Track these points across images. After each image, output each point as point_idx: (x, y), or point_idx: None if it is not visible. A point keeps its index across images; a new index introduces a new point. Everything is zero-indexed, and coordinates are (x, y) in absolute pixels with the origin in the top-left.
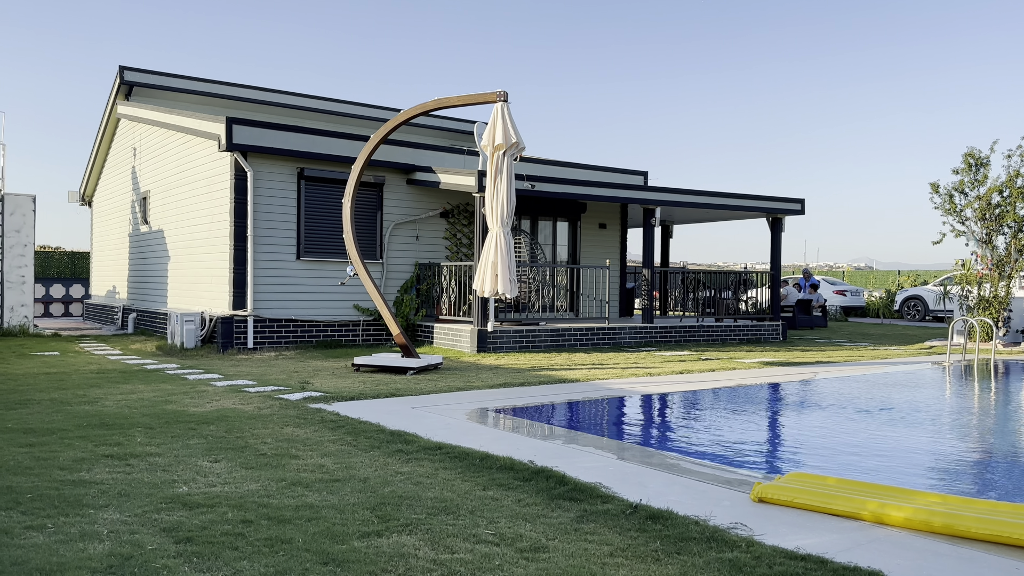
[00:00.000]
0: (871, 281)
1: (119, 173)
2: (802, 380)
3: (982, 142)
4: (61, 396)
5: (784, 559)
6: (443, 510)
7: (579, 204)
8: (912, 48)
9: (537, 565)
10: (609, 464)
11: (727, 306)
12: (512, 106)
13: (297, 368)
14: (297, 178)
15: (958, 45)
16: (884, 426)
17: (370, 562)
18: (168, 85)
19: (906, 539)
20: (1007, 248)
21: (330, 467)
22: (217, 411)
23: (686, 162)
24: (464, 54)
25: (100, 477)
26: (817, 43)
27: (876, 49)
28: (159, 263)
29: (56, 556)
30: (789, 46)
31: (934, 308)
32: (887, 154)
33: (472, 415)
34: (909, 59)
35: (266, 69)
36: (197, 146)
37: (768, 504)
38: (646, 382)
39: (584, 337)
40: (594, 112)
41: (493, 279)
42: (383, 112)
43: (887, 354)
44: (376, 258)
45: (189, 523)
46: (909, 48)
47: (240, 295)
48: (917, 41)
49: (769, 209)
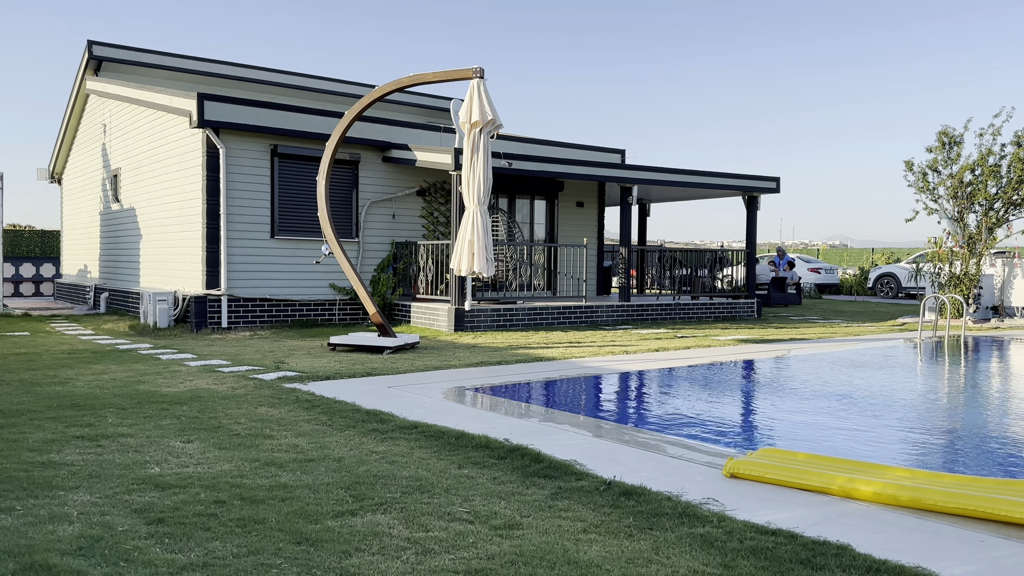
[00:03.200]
0: (845, 259)
1: (89, 150)
2: (776, 357)
3: (958, 122)
4: (31, 377)
5: (755, 534)
6: (418, 489)
7: (556, 182)
8: (890, 32)
9: (511, 542)
10: (584, 441)
11: (703, 284)
12: (489, 84)
13: (272, 348)
14: (271, 155)
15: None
16: (855, 402)
17: (344, 541)
18: (138, 60)
19: (874, 513)
20: (978, 226)
21: (304, 447)
22: (190, 391)
23: (663, 141)
24: (440, 32)
25: (70, 458)
26: (794, 27)
27: (853, 33)
28: (131, 242)
29: (25, 538)
30: (766, 30)
31: (907, 285)
32: (862, 134)
33: (449, 394)
34: (886, 42)
35: (239, 45)
36: (168, 123)
37: (740, 479)
38: (622, 360)
39: (561, 315)
40: (571, 91)
41: (470, 258)
42: (358, 88)
43: (860, 331)
44: (352, 237)
45: (161, 504)
46: (887, 32)
47: (213, 274)
48: (895, 24)
49: (745, 187)
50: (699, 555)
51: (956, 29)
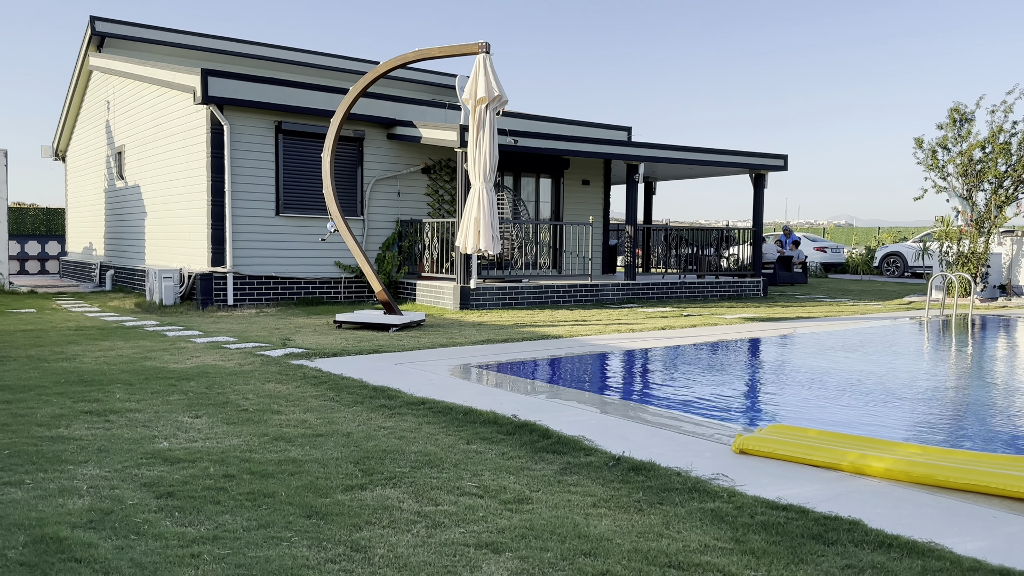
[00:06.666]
0: (852, 238)
1: (93, 127)
2: (782, 335)
3: (968, 100)
4: (38, 353)
5: (765, 509)
6: (427, 463)
7: (562, 160)
8: (897, 10)
9: (521, 516)
10: (592, 418)
11: (709, 263)
12: (495, 60)
13: (278, 325)
14: (275, 132)
15: (946, 7)
16: (863, 379)
17: (354, 515)
18: (142, 36)
19: (886, 489)
20: (987, 204)
21: (313, 422)
22: (197, 367)
23: (670, 119)
24: (446, 9)
25: (79, 433)
26: (801, 7)
27: (860, 12)
28: (136, 219)
29: (35, 511)
30: (775, 10)
31: (913, 264)
32: (869, 113)
33: (455, 371)
34: (894, 21)
35: (243, 21)
36: (172, 99)
37: (749, 456)
38: (628, 338)
39: (567, 294)
40: (578, 69)
41: (476, 236)
42: (362, 65)
43: (866, 309)
44: (357, 214)
45: (170, 478)
46: (894, 10)
47: (219, 251)
48: (904, 4)
49: (752, 165)
50: (710, 530)
51: (967, 8)
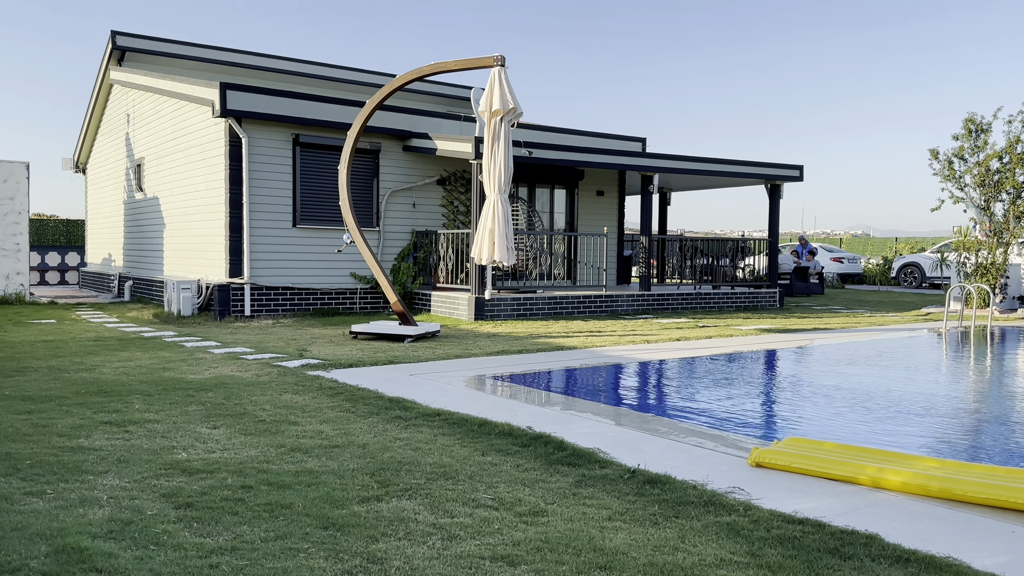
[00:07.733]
0: (868, 248)
1: (113, 140)
2: (799, 347)
3: (985, 111)
4: (58, 363)
5: (782, 522)
6: (442, 475)
7: (577, 171)
8: (915, 23)
9: (536, 529)
10: (607, 430)
11: (724, 273)
12: (510, 73)
13: (295, 336)
14: (292, 144)
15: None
16: (881, 391)
17: (370, 526)
18: (161, 50)
19: (904, 503)
20: (1005, 215)
21: (329, 433)
22: (215, 378)
23: (684, 130)
24: (462, 23)
25: (99, 444)
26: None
27: (878, 26)
28: (155, 231)
29: (56, 521)
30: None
31: (931, 275)
32: (886, 123)
33: (470, 382)
34: (912, 34)
35: (261, 36)
36: (191, 112)
37: (765, 469)
38: (643, 349)
39: (581, 305)
40: (594, 81)
41: (490, 246)
42: (379, 78)
43: (884, 320)
44: (373, 226)
45: (189, 489)
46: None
47: (236, 263)
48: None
49: (767, 176)
50: (725, 543)
51: (984, 21)
